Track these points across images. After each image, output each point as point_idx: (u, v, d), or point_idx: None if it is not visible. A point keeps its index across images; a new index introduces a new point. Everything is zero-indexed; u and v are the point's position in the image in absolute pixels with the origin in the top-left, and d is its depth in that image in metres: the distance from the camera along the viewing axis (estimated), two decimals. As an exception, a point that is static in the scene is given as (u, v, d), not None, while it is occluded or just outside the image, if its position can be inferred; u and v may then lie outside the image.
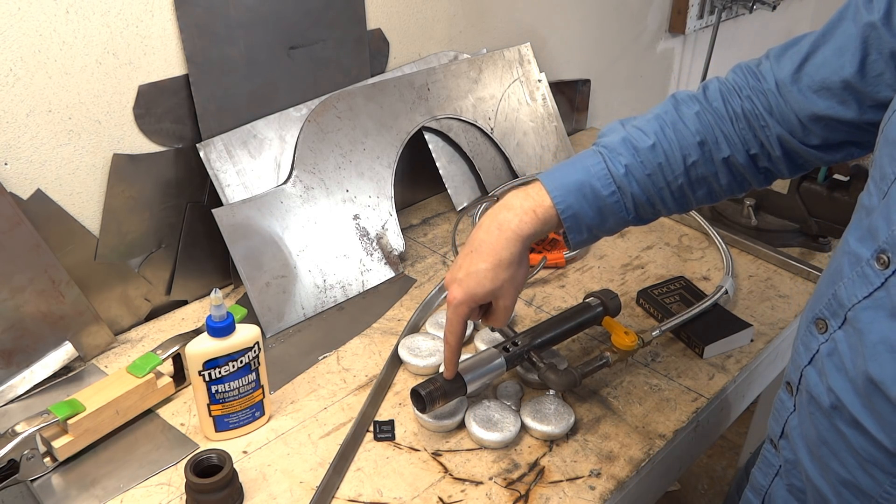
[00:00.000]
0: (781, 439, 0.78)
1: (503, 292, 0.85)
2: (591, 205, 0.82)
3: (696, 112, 0.83)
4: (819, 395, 0.69)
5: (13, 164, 0.96)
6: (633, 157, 0.82)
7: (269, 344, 1.10)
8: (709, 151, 0.82)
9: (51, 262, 0.99)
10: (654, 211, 0.86)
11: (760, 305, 1.18)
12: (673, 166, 0.82)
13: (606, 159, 0.82)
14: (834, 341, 0.68)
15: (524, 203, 0.82)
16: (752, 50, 2.38)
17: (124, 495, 0.86)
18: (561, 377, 0.94)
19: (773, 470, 0.81)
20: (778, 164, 0.84)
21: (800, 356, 0.74)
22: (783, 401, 0.78)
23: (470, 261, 0.84)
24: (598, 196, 0.82)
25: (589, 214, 0.82)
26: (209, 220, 1.11)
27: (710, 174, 0.83)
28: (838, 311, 0.68)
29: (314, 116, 1.21)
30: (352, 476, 0.89)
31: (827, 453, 0.70)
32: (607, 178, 0.82)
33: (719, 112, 0.83)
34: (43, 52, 0.94)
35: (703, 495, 2.11)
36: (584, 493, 0.87)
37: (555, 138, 1.55)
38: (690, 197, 0.85)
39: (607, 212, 0.83)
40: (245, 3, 1.10)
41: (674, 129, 0.83)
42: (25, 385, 1.00)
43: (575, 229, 0.83)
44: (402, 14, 1.33)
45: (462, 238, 1.35)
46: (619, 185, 0.82)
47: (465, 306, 0.84)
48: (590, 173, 0.82)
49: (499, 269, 0.82)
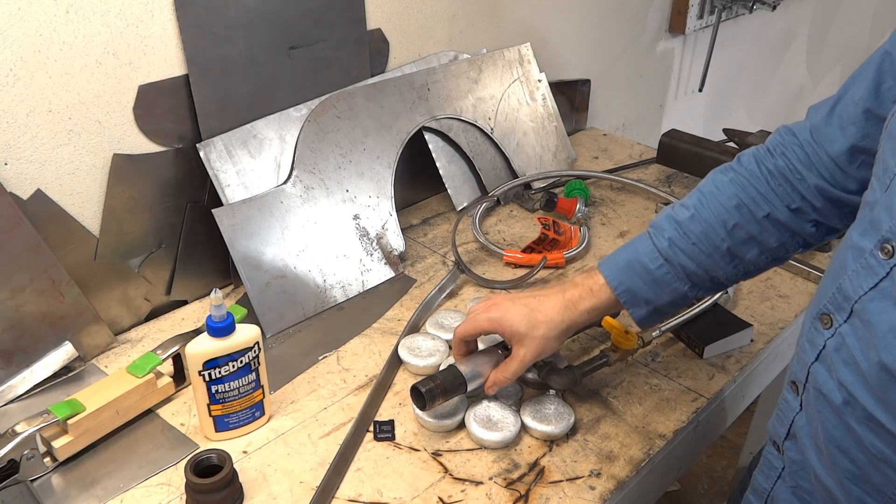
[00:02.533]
0: (787, 440, 0.78)
1: (530, 344, 0.89)
2: (643, 279, 0.88)
3: (730, 178, 0.88)
4: (829, 391, 0.69)
5: (13, 164, 0.96)
6: (676, 229, 0.88)
7: (269, 344, 1.10)
8: (747, 212, 0.86)
9: (51, 262, 0.99)
10: (711, 279, 0.89)
11: (760, 305, 1.18)
12: (715, 231, 0.87)
13: (652, 236, 0.89)
14: (841, 336, 0.68)
15: (586, 282, 0.91)
16: (752, 50, 2.39)
17: (124, 495, 0.86)
18: (561, 376, 0.94)
19: (776, 472, 0.81)
20: (826, 215, 0.86)
21: (805, 354, 0.74)
22: (788, 401, 0.78)
23: (526, 302, 0.91)
24: (647, 270, 0.88)
25: (643, 288, 0.89)
26: (209, 220, 1.11)
27: (755, 233, 0.87)
28: (843, 305, 0.68)
29: (314, 116, 1.21)
30: (352, 476, 0.89)
31: (836, 451, 0.70)
32: (654, 253, 0.88)
33: (753, 173, 0.87)
34: (43, 52, 0.94)
35: (703, 495, 2.10)
36: (584, 493, 0.87)
37: (555, 138, 1.55)
38: (742, 258, 0.88)
39: (660, 284, 0.88)
40: (245, 3, 1.10)
41: (711, 197, 0.88)
42: (25, 385, 1.00)
43: (632, 303, 0.90)
44: (402, 14, 1.33)
45: (462, 238, 1.35)
46: (666, 258, 0.88)
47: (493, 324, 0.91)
48: (638, 251, 0.89)
49: (543, 324, 0.89)
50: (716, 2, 1.98)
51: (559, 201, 1.38)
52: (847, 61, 3.00)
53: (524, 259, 1.27)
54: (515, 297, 0.93)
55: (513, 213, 1.45)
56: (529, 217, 1.43)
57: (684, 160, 1.50)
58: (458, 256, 1.24)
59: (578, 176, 1.50)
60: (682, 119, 2.23)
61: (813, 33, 2.67)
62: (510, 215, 1.44)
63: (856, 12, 2.85)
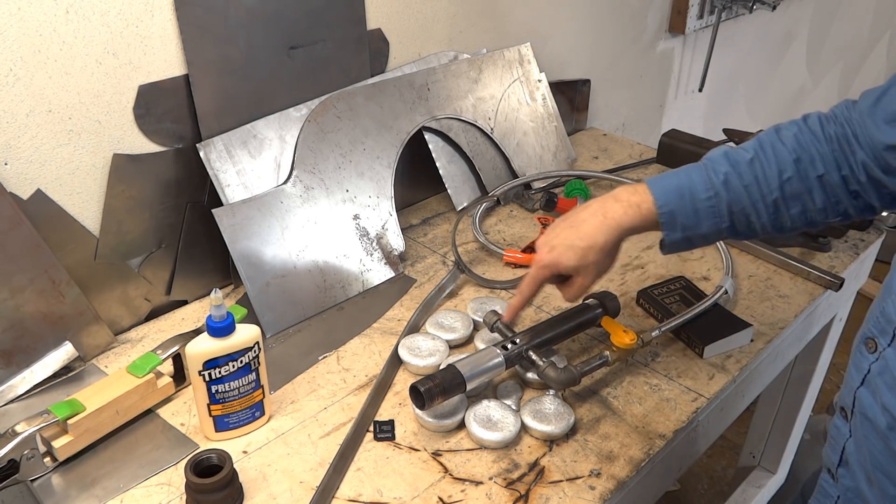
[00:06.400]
0: (840, 467, 0.78)
1: (586, 272, 0.92)
2: (689, 206, 0.88)
3: (794, 133, 0.88)
4: (874, 416, 0.69)
5: (13, 164, 0.96)
6: (733, 168, 0.88)
7: (269, 344, 1.10)
8: (804, 169, 0.86)
9: (51, 262, 0.99)
10: (748, 224, 0.89)
11: (760, 305, 1.18)
12: (769, 180, 0.86)
13: (708, 169, 0.89)
14: (885, 360, 0.68)
15: (631, 198, 0.89)
16: (752, 50, 2.38)
17: (124, 495, 0.86)
18: (560, 375, 0.94)
19: (831, 501, 0.81)
20: (866, 190, 0.86)
21: (852, 378, 0.74)
22: (838, 427, 0.78)
23: (567, 234, 0.91)
24: (695, 198, 0.88)
25: (685, 214, 0.88)
26: (209, 220, 1.11)
27: (804, 191, 0.87)
28: (887, 329, 0.68)
29: (314, 116, 1.21)
30: (352, 476, 0.89)
31: (883, 478, 0.69)
32: (706, 184, 0.88)
33: (816, 134, 0.87)
34: (43, 52, 0.94)
35: (703, 495, 2.10)
36: (584, 493, 0.87)
37: (555, 138, 1.55)
38: (784, 214, 0.88)
39: (703, 215, 0.88)
40: (245, 3, 1.10)
41: (772, 147, 0.88)
42: (25, 385, 1.00)
43: (669, 226, 0.89)
44: (402, 14, 1.33)
45: (462, 238, 1.35)
46: (717, 191, 0.87)
47: (548, 270, 0.93)
48: (691, 179, 0.89)
49: (590, 250, 0.90)
50: (716, 2, 1.98)
51: (559, 201, 1.38)
52: (847, 61, 3.00)
53: (524, 259, 1.27)
54: (558, 233, 0.93)
55: (513, 213, 1.45)
56: (529, 217, 1.43)
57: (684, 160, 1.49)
58: (458, 256, 1.24)
59: (578, 176, 1.50)
60: (682, 119, 2.23)
61: (813, 33, 2.67)
62: (510, 215, 1.44)
63: (856, 12, 2.85)
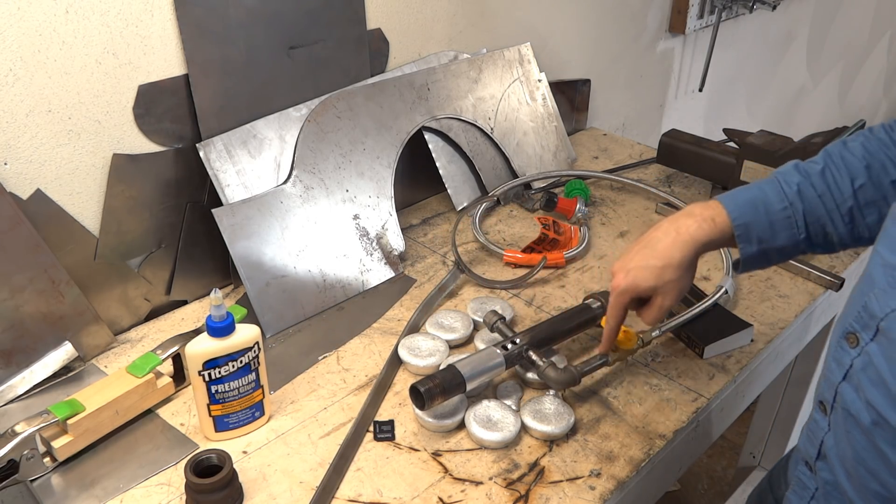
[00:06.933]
0: (819, 460, 0.78)
1: (666, 291, 0.89)
2: (763, 217, 0.87)
3: (861, 142, 0.88)
4: (858, 411, 0.69)
5: (13, 164, 0.96)
6: (805, 179, 0.87)
7: (269, 344, 1.10)
8: (876, 175, 0.86)
9: (51, 262, 0.99)
10: (825, 234, 0.88)
11: (760, 305, 1.18)
12: (842, 188, 0.86)
13: (780, 181, 0.88)
14: (868, 355, 0.68)
15: (704, 212, 0.88)
16: (752, 50, 2.38)
17: (124, 495, 0.86)
18: (560, 375, 0.94)
19: (809, 493, 0.81)
20: None
21: (832, 373, 0.73)
22: (817, 421, 0.77)
23: (642, 255, 0.90)
24: (770, 210, 0.87)
25: (761, 226, 0.87)
26: (209, 220, 1.11)
27: (879, 198, 0.86)
28: (869, 324, 0.68)
29: (314, 116, 1.21)
30: (352, 476, 0.89)
31: (865, 473, 0.69)
32: (780, 195, 0.87)
33: (883, 140, 0.87)
34: (43, 52, 0.94)
35: (703, 495, 2.10)
36: (584, 493, 0.87)
37: (555, 138, 1.55)
38: (861, 222, 0.87)
39: (778, 226, 0.87)
40: (245, 3, 1.10)
41: (841, 157, 0.87)
42: (25, 385, 1.00)
43: (745, 238, 0.87)
44: (402, 14, 1.33)
45: (462, 238, 1.35)
46: (791, 202, 0.87)
47: (628, 295, 0.91)
48: (764, 191, 0.88)
49: (667, 269, 0.88)
50: (716, 2, 1.98)
51: (559, 201, 1.38)
52: (847, 61, 3.00)
53: (524, 259, 1.27)
54: (633, 256, 0.91)
55: (513, 213, 1.45)
56: (529, 217, 1.43)
57: (684, 160, 1.50)
58: (458, 256, 1.24)
59: (578, 176, 1.50)
60: (682, 119, 2.23)
61: (813, 33, 2.67)
62: (510, 215, 1.44)
63: (856, 12, 2.85)
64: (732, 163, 1.39)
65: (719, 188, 1.43)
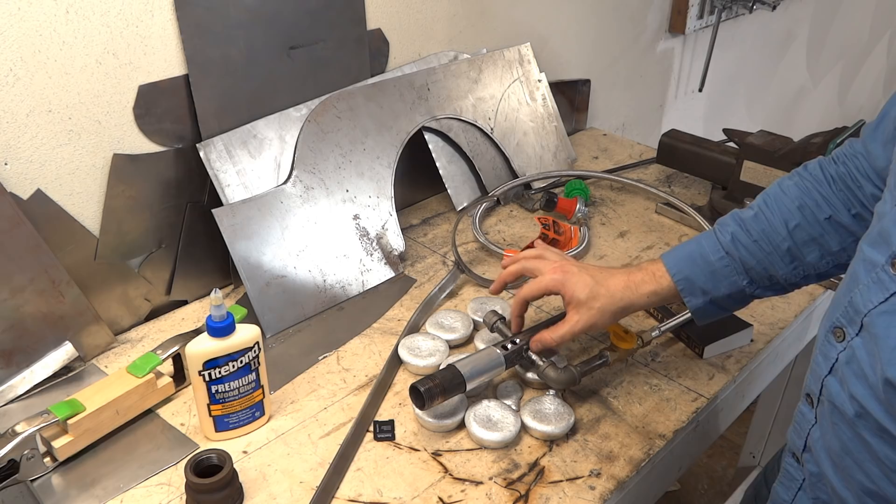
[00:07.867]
0: (805, 452, 0.78)
1: (587, 310, 0.92)
2: (703, 269, 0.91)
3: (794, 182, 0.90)
4: (842, 404, 0.69)
5: (13, 164, 0.96)
6: (740, 226, 0.90)
7: (269, 344, 1.10)
8: (810, 213, 0.88)
9: (51, 262, 0.99)
10: (770, 277, 0.90)
11: (760, 305, 1.18)
12: (777, 230, 0.88)
13: (716, 231, 0.92)
14: (852, 349, 0.69)
15: (650, 266, 0.94)
16: (752, 50, 2.38)
17: (124, 495, 0.86)
18: (560, 375, 0.94)
19: (797, 484, 0.81)
20: None
21: (819, 366, 0.74)
22: (804, 413, 0.78)
23: (590, 269, 0.94)
24: (707, 261, 0.91)
25: (701, 278, 0.91)
26: (209, 220, 1.11)
27: (816, 235, 0.88)
28: (854, 319, 0.68)
29: (314, 116, 1.21)
30: (352, 476, 0.89)
31: (850, 464, 0.70)
32: (716, 245, 0.91)
33: (817, 177, 0.89)
34: (43, 52, 0.94)
35: (703, 495, 2.10)
36: (584, 493, 0.87)
37: (555, 138, 1.55)
38: (803, 260, 0.89)
39: (719, 275, 0.90)
40: (245, 3, 1.10)
41: (775, 199, 0.90)
42: (25, 385, 1.00)
43: (689, 291, 0.91)
44: (402, 14, 1.33)
45: (462, 238, 1.35)
46: (728, 251, 0.90)
47: (545, 284, 0.94)
48: (701, 244, 0.92)
49: (602, 295, 0.91)
50: (716, 2, 1.98)
51: (559, 201, 1.38)
52: (847, 61, 3.00)
53: (524, 259, 1.27)
54: (583, 266, 0.95)
55: (513, 213, 1.45)
56: (529, 217, 1.43)
57: (684, 160, 1.50)
58: (458, 256, 1.24)
59: (578, 176, 1.50)
60: (682, 119, 2.23)
61: (813, 33, 2.67)
62: (510, 215, 1.44)
63: (856, 12, 2.85)
64: (732, 163, 1.39)
65: (719, 188, 1.43)
